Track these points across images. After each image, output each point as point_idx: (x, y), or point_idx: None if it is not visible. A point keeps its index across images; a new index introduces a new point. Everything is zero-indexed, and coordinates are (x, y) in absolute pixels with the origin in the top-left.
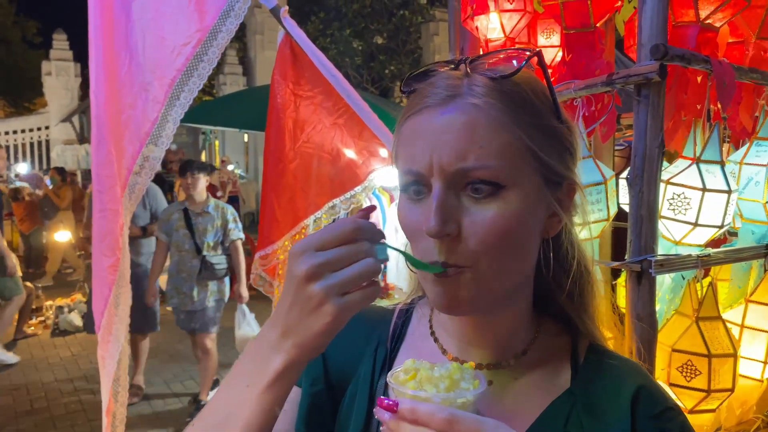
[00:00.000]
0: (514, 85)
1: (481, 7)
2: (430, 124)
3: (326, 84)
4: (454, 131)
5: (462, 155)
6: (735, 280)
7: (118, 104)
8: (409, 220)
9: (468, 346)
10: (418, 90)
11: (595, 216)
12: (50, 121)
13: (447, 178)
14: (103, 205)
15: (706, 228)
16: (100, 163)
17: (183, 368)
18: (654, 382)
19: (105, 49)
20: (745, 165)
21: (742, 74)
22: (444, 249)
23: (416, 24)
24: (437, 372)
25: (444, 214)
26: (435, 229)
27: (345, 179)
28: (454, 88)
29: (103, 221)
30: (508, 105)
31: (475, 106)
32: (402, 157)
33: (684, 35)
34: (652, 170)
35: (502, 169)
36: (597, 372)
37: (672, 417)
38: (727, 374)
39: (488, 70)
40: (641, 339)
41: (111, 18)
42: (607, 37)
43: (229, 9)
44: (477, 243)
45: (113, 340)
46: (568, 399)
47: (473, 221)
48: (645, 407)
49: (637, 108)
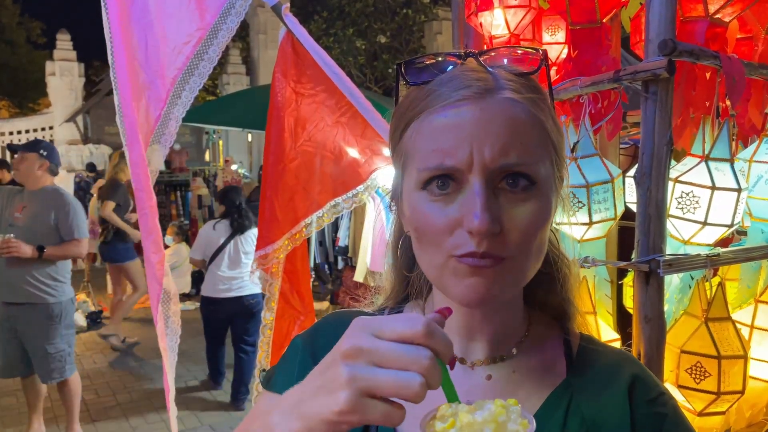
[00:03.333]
0: (535, 82)
1: (485, 4)
2: (466, 117)
3: (328, 82)
4: (497, 126)
5: (505, 151)
6: (744, 280)
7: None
8: (435, 219)
9: (468, 342)
10: (434, 82)
11: (602, 215)
12: (54, 122)
13: (488, 174)
14: (143, 203)
15: (715, 227)
16: (135, 163)
17: (186, 368)
18: (646, 370)
19: (126, 49)
20: (754, 163)
21: (752, 70)
22: (486, 243)
23: (419, 23)
24: (479, 416)
25: (491, 210)
26: (485, 226)
27: (347, 178)
28: (485, 81)
29: (146, 218)
30: (537, 101)
31: (513, 101)
32: (424, 153)
33: (692, 30)
34: (660, 168)
35: (537, 164)
36: (591, 361)
37: (665, 401)
38: (737, 376)
39: (508, 65)
40: (649, 340)
41: (128, 18)
42: (614, 33)
43: (229, 7)
44: (517, 237)
45: (170, 333)
46: (566, 389)
47: (512, 217)
48: (641, 393)
49: (645, 105)
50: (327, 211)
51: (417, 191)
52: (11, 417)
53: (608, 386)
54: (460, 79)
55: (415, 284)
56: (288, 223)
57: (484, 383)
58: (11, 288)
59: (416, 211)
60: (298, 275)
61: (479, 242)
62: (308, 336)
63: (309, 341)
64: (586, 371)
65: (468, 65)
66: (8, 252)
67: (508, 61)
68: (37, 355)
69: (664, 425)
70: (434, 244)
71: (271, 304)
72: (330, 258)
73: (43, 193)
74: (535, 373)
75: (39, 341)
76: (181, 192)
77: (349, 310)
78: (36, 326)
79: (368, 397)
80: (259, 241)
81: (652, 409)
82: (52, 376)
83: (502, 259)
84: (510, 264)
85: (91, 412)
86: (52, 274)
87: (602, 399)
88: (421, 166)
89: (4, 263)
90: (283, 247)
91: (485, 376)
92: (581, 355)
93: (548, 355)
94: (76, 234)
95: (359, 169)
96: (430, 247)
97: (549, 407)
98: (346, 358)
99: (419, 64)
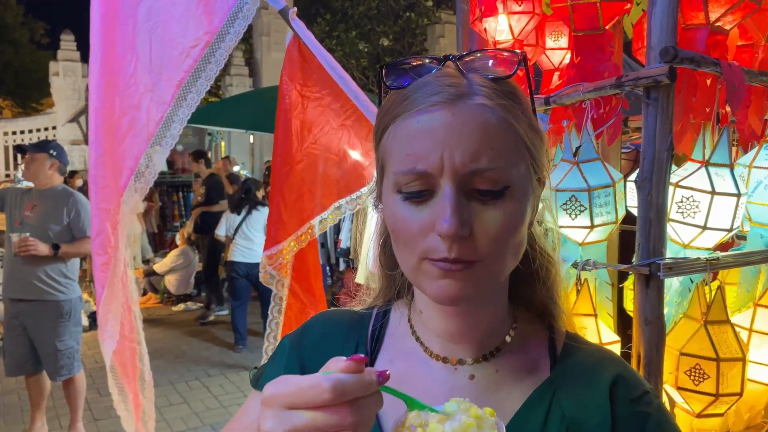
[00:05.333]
0: (511, 86)
1: (489, 9)
2: (438, 123)
3: (334, 85)
4: (468, 131)
5: (475, 156)
6: (743, 284)
7: (121, 105)
8: (409, 222)
9: (451, 343)
10: (410, 87)
11: (604, 218)
12: (57, 122)
13: (458, 179)
14: (96, 204)
15: (714, 231)
16: (94, 164)
17: (188, 368)
18: (631, 369)
19: (104, 52)
20: (754, 168)
21: (752, 77)
22: (456, 247)
23: (422, 26)
24: (449, 427)
25: (460, 215)
26: (453, 230)
27: (351, 180)
28: (458, 87)
29: (96, 219)
30: (510, 105)
31: (485, 107)
32: (398, 157)
33: (693, 38)
34: (661, 173)
35: (509, 169)
36: (575, 360)
37: (650, 400)
38: (736, 378)
39: (484, 70)
40: (649, 342)
41: (115, 21)
42: (616, 39)
43: (237, 11)
44: (487, 242)
45: (108, 338)
46: (549, 388)
47: (483, 221)
48: (623, 392)
49: (646, 111)
50: (331, 213)
51: (393, 194)
52: (13, 415)
53: (590, 385)
54: (433, 84)
55: (398, 282)
56: (294, 224)
57: (466, 383)
58: (24, 285)
59: (392, 213)
60: (309, 275)
61: (450, 247)
62: (296, 336)
63: (296, 341)
64: (569, 370)
65: (444, 70)
66: (26, 250)
67: (487, 65)
68: (47, 352)
69: (647, 424)
70: (408, 246)
71: (279, 300)
72: (332, 260)
73: (53, 192)
74: (518, 372)
75: (49, 338)
76: (183, 193)
77: (339, 310)
78: (47, 323)
79: None
80: (267, 241)
81: (635, 408)
82: (61, 373)
83: (473, 262)
84: (481, 267)
85: (93, 411)
86: (63, 271)
87: (584, 398)
88: (396, 169)
89: (19, 261)
90: (288, 249)
91: (468, 376)
92: (565, 354)
93: (532, 353)
94: (88, 231)
95: (363, 171)
96: (405, 248)
97: (530, 406)
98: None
99: (400, 67)
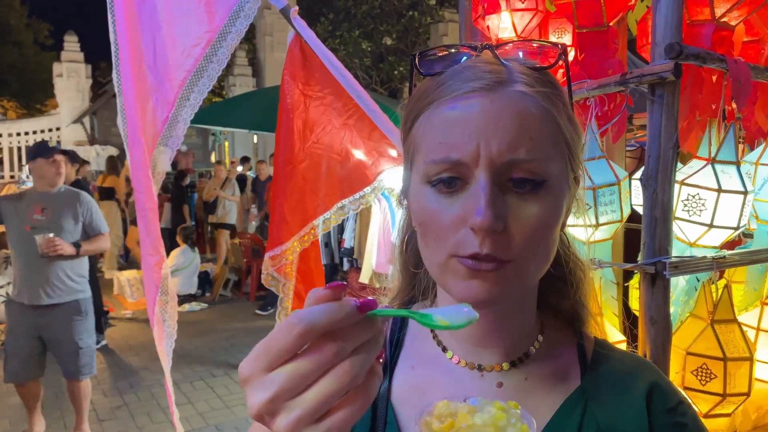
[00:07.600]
0: (551, 77)
1: (492, 6)
2: (475, 110)
3: (336, 84)
4: (506, 120)
5: (513, 146)
6: (750, 283)
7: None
8: (439, 215)
9: (477, 348)
10: (446, 73)
11: (609, 217)
12: (61, 123)
13: (494, 169)
14: (142, 205)
15: (721, 229)
16: (136, 166)
17: (192, 369)
18: (665, 378)
19: (132, 51)
20: (761, 166)
21: (758, 73)
22: (489, 242)
23: (425, 25)
24: (479, 419)
25: (495, 207)
26: (488, 223)
27: (354, 180)
28: (497, 74)
29: (144, 220)
30: (550, 96)
31: (524, 95)
32: (431, 145)
33: (699, 34)
34: (666, 171)
35: (548, 162)
36: (606, 368)
37: (685, 411)
38: (743, 378)
39: (524, 59)
40: (655, 342)
41: (135, 20)
42: (620, 36)
43: (238, 10)
44: (521, 239)
45: (166, 336)
46: (581, 397)
47: (518, 217)
48: (660, 402)
49: (651, 108)
50: (334, 213)
51: (423, 185)
52: (17, 416)
53: (625, 394)
54: (471, 70)
55: (422, 282)
56: (297, 224)
57: (494, 390)
58: (45, 289)
59: (421, 205)
60: (312, 275)
61: (482, 241)
62: None
63: None
64: (600, 378)
65: (482, 57)
66: (54, 251)
67: (525, 54)
68: (68, 351)
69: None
70: (438, 241)
71: (285, 304)
72: (335, 260)
73: (61, 193)
74: (547, 380)
75: (70, 338)
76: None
77: None
78: (67, 323)
79: (322, 421)
80: (270, 242)
81: (672, 419)
82: (83, 371)
83: (505, 262)
84: (513, 268)
85: (98, 412)
86: (80, 271)
87: (619, 407)
88: (427, 158)
89: (39, 265)
90: (291, 249)
91: (496, 383)
92: (596, 361)
93: (562, 361)
94: (101, 228)
95: (366, 171)
96: (433, 244)
97: (563, 415)
98: (270, 418)
99: (433, 55)
